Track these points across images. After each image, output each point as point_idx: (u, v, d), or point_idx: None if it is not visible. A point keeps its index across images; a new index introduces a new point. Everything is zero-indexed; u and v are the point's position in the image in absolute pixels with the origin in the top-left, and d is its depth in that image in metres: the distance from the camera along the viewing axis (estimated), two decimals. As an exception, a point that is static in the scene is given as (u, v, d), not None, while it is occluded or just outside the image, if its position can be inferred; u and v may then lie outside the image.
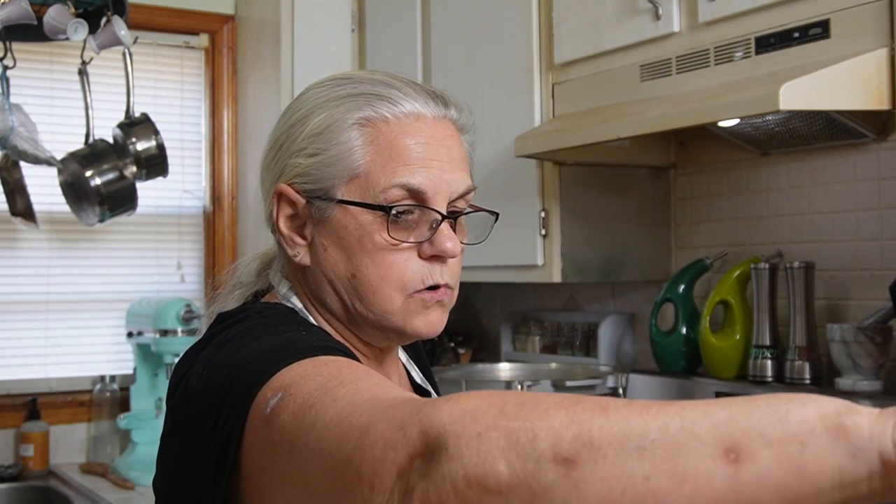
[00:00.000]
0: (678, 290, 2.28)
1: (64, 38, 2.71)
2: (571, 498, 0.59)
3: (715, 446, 0.58)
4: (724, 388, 2.10)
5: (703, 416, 0.60)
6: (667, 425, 0.60)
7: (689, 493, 0.57)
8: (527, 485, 0.60)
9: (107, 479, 2.84)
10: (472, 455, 0.62)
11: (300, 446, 0.76)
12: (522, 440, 0.61)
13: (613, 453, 0.59)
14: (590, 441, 0.60)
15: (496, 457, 0.61)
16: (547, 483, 0.60)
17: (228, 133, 3.40)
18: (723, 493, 0.57)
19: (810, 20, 1.73)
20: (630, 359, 2.59)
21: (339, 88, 1.02)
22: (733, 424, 0.58)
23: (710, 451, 0.58)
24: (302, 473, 0.76)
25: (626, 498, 0.58)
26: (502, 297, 3.04)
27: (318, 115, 1.01)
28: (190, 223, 3.38)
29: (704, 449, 0.58)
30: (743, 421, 0.59)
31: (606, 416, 0.61)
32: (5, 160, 2.91)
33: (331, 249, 1.00)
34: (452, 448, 0.63)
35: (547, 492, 0.60)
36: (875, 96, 1.66)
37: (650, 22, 2.02)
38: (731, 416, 0.59)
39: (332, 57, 3.04)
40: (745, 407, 0.59)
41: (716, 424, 0.59)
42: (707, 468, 0.57)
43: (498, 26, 2.46)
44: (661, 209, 2.45)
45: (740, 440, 0.58)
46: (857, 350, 1.91)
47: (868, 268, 2.02)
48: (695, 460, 0.58)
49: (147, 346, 2.98)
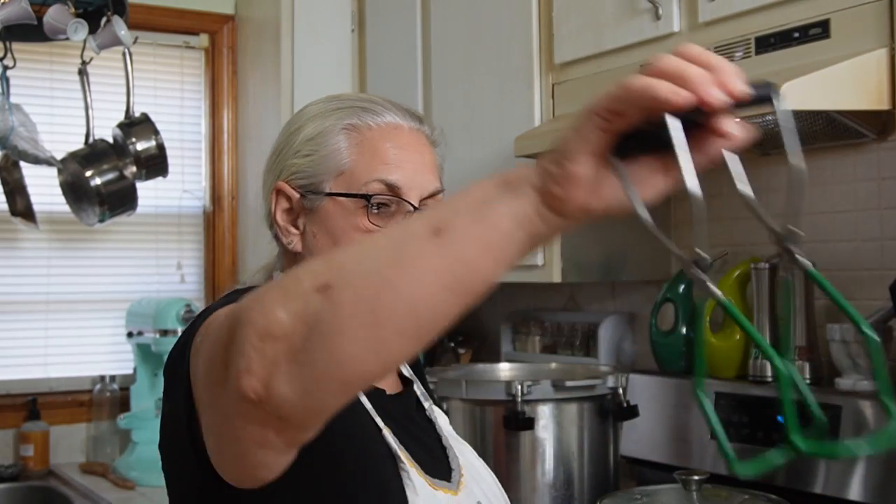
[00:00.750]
0: (678, 290, 2.28)
1: (64, 38, 2.71)
2: (333, 314, 0.73)
3: (425, 230, 0.74)
4: (724, 388, 2.10)
5: (418, 218, 0.80)
6: (391, 233, 0.80)
7: (416, 270, 0.73)
8: (301, 320, 0.74)
9: (107, 479, 2.84)
10: (256, 315, 0.76)
11: (201, 370, 0.91)
12: (291, 287, 0.77)
13: (354, 266, 0.76)
14: (337, 265, 0.77)
15: (274, 308, 0.75)
16: (314, 311, 0.74)
17: (228, 133, 3.40)
18: (438, 260, 0.73)
19: (810, 20, 1.73)
20: (630, 359, 2.59)
21: (331, 103, 1.21)
22: (437, 212, 0.77)
23: (423, 234, 0.74)
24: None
25: (371, 294, 0.73)
26: (502, 297, 3.04)
27: (312, 124, 1.19)
28: (190, 223, 3.38)
29: (418, 235, 0.74)
30: (444, 208, 0.78)
31: (353, 246, 0.81)
32: (5, 160, 2.91)
33: (319, 235, 1.17)
34: (244, 317, 0.77)
35: (317, 318, 0.73)
36: (875, 96, 1.65)
37: (650, 22, 2.02)
38: (439, 208, 0.79)
39: (332, 57, 3.04)
40: (453, 198, 0.78)
41: (426, 217, 0.77)
42: (421, 246, 0.74)
43: (498, 26, 2.46)
44: (661, 209, 2.45)
45: (442, 219, 0.75)
46: (857, 350, 1.91)
47: (868, 268, 2.02)
48: (413, 245, 0.74)
49: (147, 346, 2.98)
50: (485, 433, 1.99)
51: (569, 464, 1.99)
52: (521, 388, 1.93)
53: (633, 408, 2.05)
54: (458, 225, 0.74)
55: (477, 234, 0.74)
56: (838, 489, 1.82)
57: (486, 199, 0.75)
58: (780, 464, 0.69)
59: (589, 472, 2.01)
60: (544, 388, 1.97)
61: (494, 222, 0.74)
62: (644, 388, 2.24)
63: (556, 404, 1.98)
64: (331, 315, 0.73)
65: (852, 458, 0.64)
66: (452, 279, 0.73)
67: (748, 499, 1.77)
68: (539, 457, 1.98)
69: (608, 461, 2.05)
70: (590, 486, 2.00)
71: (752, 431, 2.01)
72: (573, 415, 2.00)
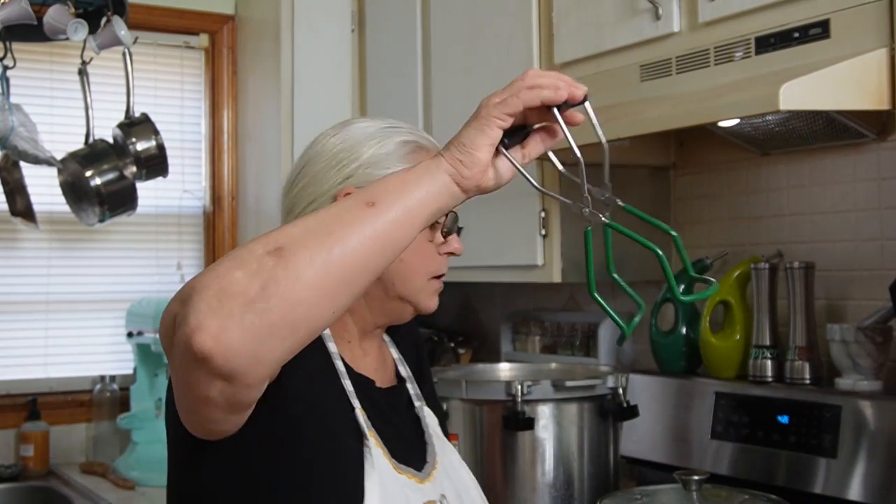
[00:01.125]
0: (678, 290, 2.28)
1: (64, 38, 2.71)
2: (287, 272, 0.90)
3: (361, 203, 0.97)
4: (724, 388, 2.10)
5: (352, 196, 1.00)
6: (330, 209, 0.99)
7: (358, 231, 0.95)
8: (258, 276, 0.90)
9: (107, 479, 2.84)
10: (212, 279, 0.90)
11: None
12: (245, 254, 0.92)
13: (303, 233, 0.94)
14: (286, 233, 0.94)
15: (230, 270, 0.90)
16: (269, 270, 0.90)
17: (228, 133, 3.40)
18: (374, 222, 0.96)
19: (810, 20, 1.73)
20: (630, 359, 2.59)
21: (385, 124, 1.33)
22: (369, 191, 0.99)
23: (360, 206, 0.97)
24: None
25: (323, 250, 0.93)
26: (502, 297, 3.04)
27: (371, 141, 1.29)
28: (190, 223, 3.38)
29: (356, 207, 0.97)
30: (374, 188, 1.00)
31: (296, 221, 0.97)
32: (5, 160, 2.91)
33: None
34: (199, 284, 0.90)
35: (271, 275, 0.90)
36: (875, 96, 1.65)
37: (650, 22, 2.02)
38: (370, 189, 1.00)
39: (332, 57, 3.04)
40: (379, 181, 1.01)
41: (360, 195, 0.99)
42: (361, 214, 0.96)
43: (498, 26, 2.46)
44: (661, 209, 2.45)
45: (374, 195, 0.98)
46: (857, 350, 1.91)
47: (868, 268, 2.02)
48: (353, 214, 0.96)
49: (147, 346, 2.98)
50: (485, 433, 1.99)
51: (569, 464, 1.99)
52: (521, 388, 1.93)
53: (633, 408, 2.05)
54: (388, 199, 0.98)
55: (402, 205, 0.98)
56: (838, 489, 1.82)
57: (407, 181, 1.00)
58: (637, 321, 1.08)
59: (589, 472, 2.01)
60: (544, 388, 1.97)
61: (416, 196, 0.99)
62: (644, 388, 2.24)
63: (556, 404, 1.98)
64: (284, 269, 0.90)
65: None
66: (385, 237, 0.96)
67: (748, 499, 1.77)
68: (539, 457, 1.98)
69: (608, 461, 2.05)
70: (590, 486, 2.00)
71: (752, 431, 2.00)
72: (573, 415, 2.00)
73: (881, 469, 1.78)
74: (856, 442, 1.82)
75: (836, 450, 1.84)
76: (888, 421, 1.79)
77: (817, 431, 1.89)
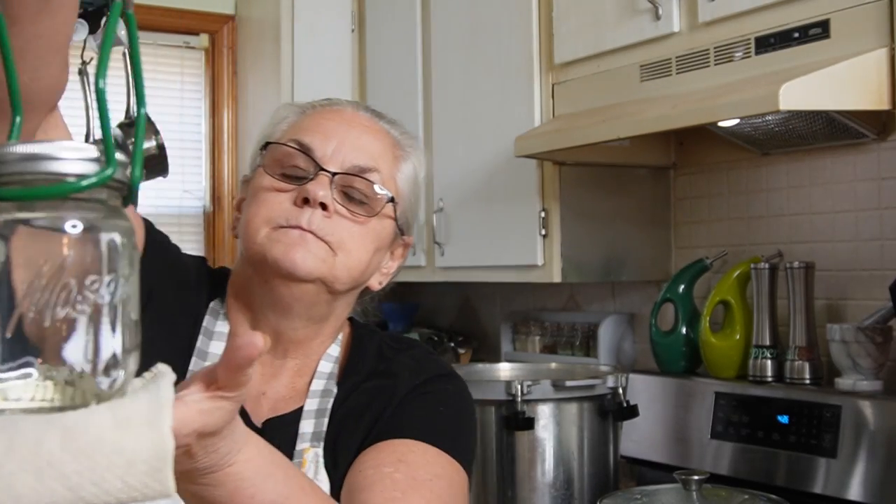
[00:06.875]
0: (678, 290, 2.28)
1: (64, 38, 2.71)
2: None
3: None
4: (724, 388, 2.10)
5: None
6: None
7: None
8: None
9: (107, 479, 2.84)
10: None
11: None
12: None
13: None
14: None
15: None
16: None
17: (228, 133, 3.40)
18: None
19: (810, 20, 1.73)
20: (630, 359, 2.59)
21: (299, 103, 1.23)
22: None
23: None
24: None
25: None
26: (502, 297, 3.04)
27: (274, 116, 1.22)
28: (190, 223, 3.38)
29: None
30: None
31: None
32: (5, 160, 2.91)
33: (244, 206, 1.15)
34: None
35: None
36: (875, 96, 1.65)
37: (650, 22, 2.02)
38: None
39: (332, 57, 3.04)
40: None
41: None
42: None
43: (498, 26, 2.46)
44: (661, 209, 2.45)
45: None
46: (857, 350, 1.91)
47: (868, 268, 2.02)
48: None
49: (147, 346, 2.98)
50: (485, 433, 1.99)
51: (569, 464, 1.99)
52: (521, 387, 1.93)
53: (633, 408, 2.05)
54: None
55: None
56: (838, 489, 1.82)
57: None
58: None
59: (589, 472, 2.01)
60: (544, 388, 1.97)
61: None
62: (644, 388, 2.24)
63: (556, 404, 1.98)
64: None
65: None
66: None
67: (748, 499, 1.77)
68: (539, 457, 1.98)
69: (608, 461, 2.05)
70: (590, 486, 2.00)
71: (752, 431, 2.01)
72: (573, 415, 2.00)
73: (881, 469, 1.78)
74: (856, 442, 1.82)
75: (836, 450, 1.84)
76: (888, 421, 1.79)
77: (817, 431, 1.89)
